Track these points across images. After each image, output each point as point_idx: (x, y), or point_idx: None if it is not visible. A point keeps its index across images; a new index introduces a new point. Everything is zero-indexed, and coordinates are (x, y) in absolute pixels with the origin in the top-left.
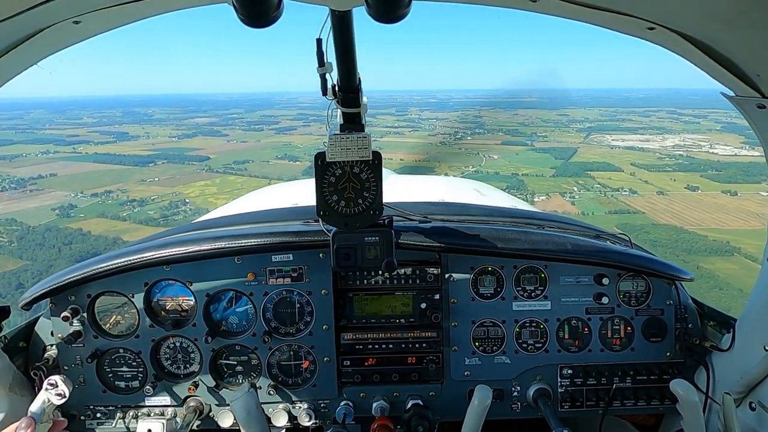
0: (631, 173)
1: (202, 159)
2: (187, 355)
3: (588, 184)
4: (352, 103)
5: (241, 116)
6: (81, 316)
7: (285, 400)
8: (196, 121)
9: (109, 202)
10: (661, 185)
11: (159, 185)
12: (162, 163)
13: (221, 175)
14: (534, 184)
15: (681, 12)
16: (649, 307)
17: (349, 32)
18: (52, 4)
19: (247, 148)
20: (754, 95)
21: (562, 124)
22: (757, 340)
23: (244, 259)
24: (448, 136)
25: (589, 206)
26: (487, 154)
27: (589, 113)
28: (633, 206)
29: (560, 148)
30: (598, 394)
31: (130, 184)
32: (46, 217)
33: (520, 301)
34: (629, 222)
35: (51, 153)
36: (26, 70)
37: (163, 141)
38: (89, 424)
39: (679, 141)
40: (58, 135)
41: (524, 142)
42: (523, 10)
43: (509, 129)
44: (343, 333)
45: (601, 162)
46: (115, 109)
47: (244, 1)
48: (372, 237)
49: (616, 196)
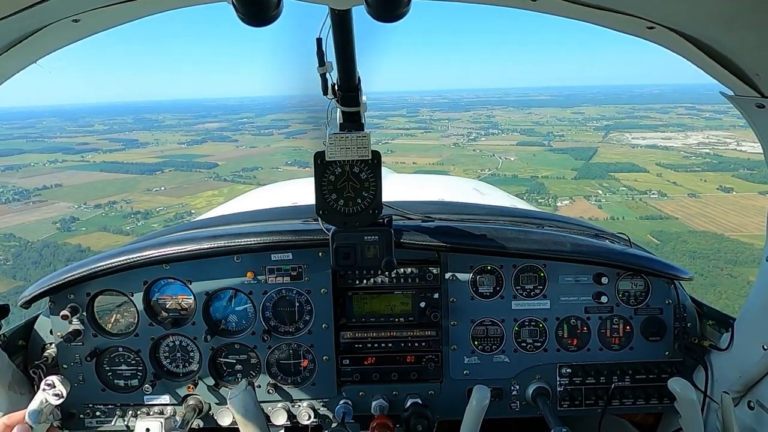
0: (657, 174)
1: (210, 166)
2: (187, 354)
3: (613, 186)
4: (351, 102)
5: (252, 120)
6: (80, 314)
7: (284, 398)
8: (206, 126)
9: (113, 214)
10: (692, 187)
11: (165, 195)
12: (169, 171)
13: (229, 184)
14: (555, 187)
15: (681, 12)
16: (648, 306)
17: (349, 31)
18: (52, 2)
19: (257, 154)
20: (754, 95)
21: (578, 122)
22: (756, 339)
23: (243, 257)
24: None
25: (617, 210)
26: (503, 156)
27: (605, 111)
28: (664, 211)
29: (579, 148)
30: (597, 393)
31: (136, 194)
32: (46, 232)
33: (520, 300)
34: (663, 229)
35: (59, 162)
36: (26, 68)
37: (172, 148)
38: (88, 422)
39: (703, 138)
40: (68, 143)
41: (541, 143)
42: (524, 10)
43: (524, 129)
44: (342, 332)
45: (624, 162)
46: (126, 116)
47: (243, 0)
48: (371, 236)
49: (644, 199)
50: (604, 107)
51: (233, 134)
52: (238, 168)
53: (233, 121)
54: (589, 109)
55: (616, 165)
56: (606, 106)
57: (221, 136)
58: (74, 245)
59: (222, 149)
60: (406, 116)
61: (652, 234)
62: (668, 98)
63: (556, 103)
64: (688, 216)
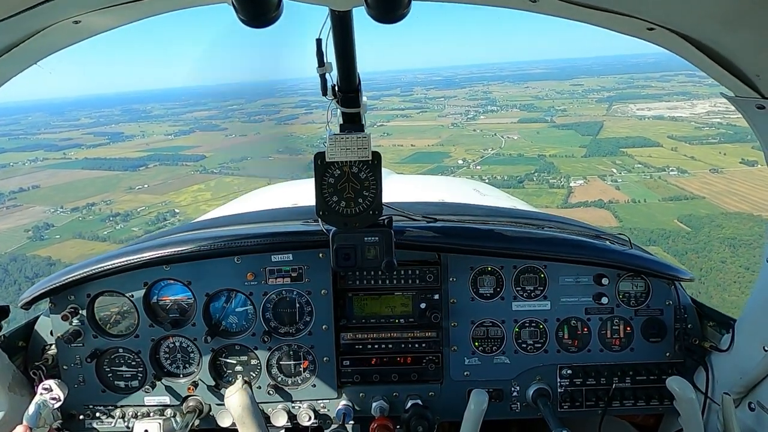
0: (672, 148)
1: (197, 158)
2: (187, 355)
3: (627, 163)
4: (351, 103)
5: (242, 107)
6: (80, 315)
7: (284, 399)
8: (195, 115)
9: (91, 217)
10: (712, 161)
11: (148, 193)
12: (154, 166)
13: (217, 177)
14: (566, 167)
15: (681, 13)
16: (649, 307)
17: (349, 32)
18: (52, 3)
19: (247, 143)
20: (754, 96)
21: (579, 94)
22: (757, 340)
23: (243, 258)
24: (460, 116)
25: (637, 191)
26: (505, 135)
27: (603, 81)
28: (688, 189)
29: (584, 122)
30: (597, 394)
31: (117, 193)
32: (16, 242)
33: (520, 301)
34: (693, 212)
35: (40, 161)
36: (26, 69)
37: (158, 140)
38: (89, 423)
39: (711, 107)
40: (51, 139)
41: (543, 119)
42: (523, 10)
43: (524, 104)
44: (342, 333)
45: (634, 137)
46: (113, 108)
47: (244, 2)
48: (372, 237)
49: (663, 177)
50: (602, 78)
51: (222, 122)
52: (227, 159)
53: (223, 108)
54: (587, 81)
55: (626, 140)
56: (604, 76)
57: (210, 125)
58: (44, 257)
59: (210, 139)
60: (400, 95)
61: (680, 219)
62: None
63: (552, 75)
64: (715, 194)
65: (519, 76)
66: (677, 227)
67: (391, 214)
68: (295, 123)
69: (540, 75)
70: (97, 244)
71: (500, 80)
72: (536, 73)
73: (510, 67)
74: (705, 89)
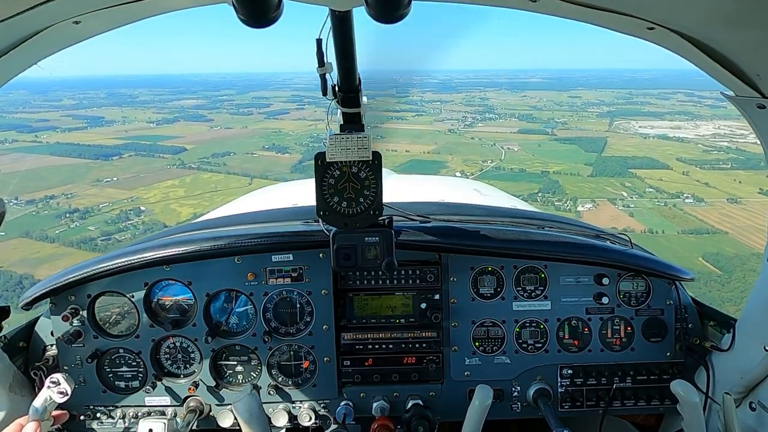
0: (683, 172)
1: (176, 151)
2: (187, 355)
3: (638, 187)
4: (352, 103)
5: (232, 98)
6: (81, 316)
7: (285, 400)
8: (182, 103)
9: (45, 212)
10: (728, 189)
11: (115, 187)
12: (129, 156)
13: (194, 172)
14: (572, 186)
15: (681, 12)
16: (649, 307)
17: (349, 32)
18: (52, 4)
19: (231, 136)
20: (754, 95)
21: (578, 107)
22: (758, 340)
23: (244, 259)
24: (457, 122)
25: (653, 221)
26: (505, 146)
27: (602, 95)
28: (708, 222)
29: (587, 137)
30: (598, 394)
31: (82, 185)
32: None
33: (520, 301)
34: (719, 250)
35: (8, 143)
36: (26, 70)
37: (138, 127)
38: (89, 424)
39: (716, 129)
40: (27, 119)
41: (544, 131)
42: (523, 10)
43: (522, 114)
44: (343, 333)
45: (641, 157)
46: (99, 90)
47: (244, 1)
48: (372, 237)
49: (679, 205)
50: (600, 91)
51: (209, 113)
52: (208, 153)
53: (212, 98)
54: (585, 94)
55: (633, 160)
56: (602, 90)
57: (196, 115)
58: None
59: (194, 130)
60: (395, 96)
61: (705, 258)
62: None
63: (550, 86)
64: (738, 230)
65: (516, 84)
66: (704, 268)
67: (391, 214)
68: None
69: (537, 84)
70: (43, 245)
71: (497, 87)
72: (533, 83)
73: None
74: (706, 110)
